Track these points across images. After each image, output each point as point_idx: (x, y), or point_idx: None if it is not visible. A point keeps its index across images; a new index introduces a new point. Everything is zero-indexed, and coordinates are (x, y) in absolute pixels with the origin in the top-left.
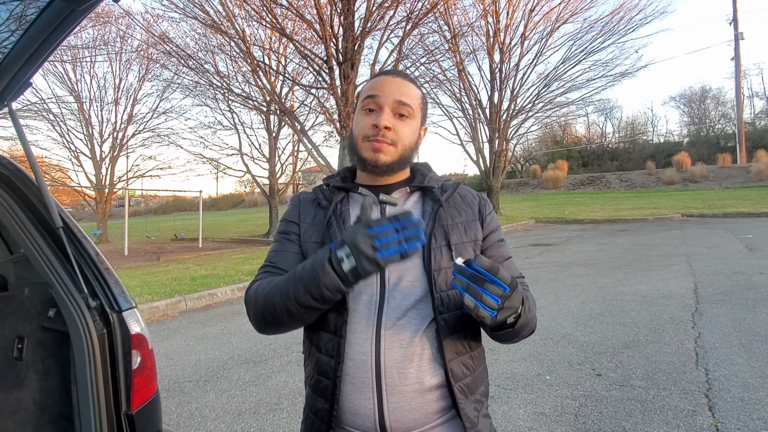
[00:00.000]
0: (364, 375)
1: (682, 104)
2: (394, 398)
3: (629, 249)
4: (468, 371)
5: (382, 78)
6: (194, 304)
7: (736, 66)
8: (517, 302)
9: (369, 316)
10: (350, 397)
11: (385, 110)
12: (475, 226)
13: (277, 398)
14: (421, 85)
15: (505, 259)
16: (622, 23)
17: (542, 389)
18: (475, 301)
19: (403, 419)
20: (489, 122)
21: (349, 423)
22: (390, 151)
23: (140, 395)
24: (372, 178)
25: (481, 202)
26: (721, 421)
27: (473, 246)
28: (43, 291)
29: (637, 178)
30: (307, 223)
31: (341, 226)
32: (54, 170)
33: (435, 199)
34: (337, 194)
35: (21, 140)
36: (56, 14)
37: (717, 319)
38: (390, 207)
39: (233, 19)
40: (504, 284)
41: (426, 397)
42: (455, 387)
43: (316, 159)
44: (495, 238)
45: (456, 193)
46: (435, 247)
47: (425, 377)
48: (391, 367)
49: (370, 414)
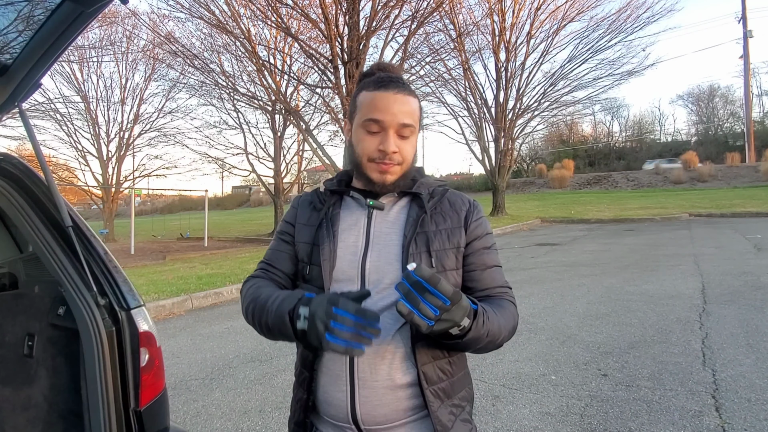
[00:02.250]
0: (339, 368)
1: (690, 103)
2: (365, 392)
3: (636, 249)
4: (445, 376)
5: (384, 95)
6: (200, 302)
7: (745, 64)
8: (458, 316)
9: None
10: (326, 388)
11: (390, 134)
12: (459, 233)
13: (282, 396)
14: (415, 91)
15: (488, 267)
16: (629, 21)
17: (548, 389)
18: (411, 308)
19: (373, 413)
20: (494, 121)
21: (326, 413)
22: (396, 170)
23: (148, 392)
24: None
25: (469, 209)
26: (728, 421)
27: (455, 253)
28: (53, 289)
29: (644, 177)
30: (301, 225)
31: (330, 230)
32: (61, 169)
33: (421, 206)
34: (331, 197)
35: (31, 140)
36: (66, 16)
37: (724, 319)
38: (377, 215)
39: (239, 18)
40: (444, 297)
41: (397, 394)
42: (428, 390)
43: (321, 158)
44: (479, 246)
45: (445, 199)
46: (414, 252)
47: (396, 375)
48: (363, 362)
49: (343, 405)
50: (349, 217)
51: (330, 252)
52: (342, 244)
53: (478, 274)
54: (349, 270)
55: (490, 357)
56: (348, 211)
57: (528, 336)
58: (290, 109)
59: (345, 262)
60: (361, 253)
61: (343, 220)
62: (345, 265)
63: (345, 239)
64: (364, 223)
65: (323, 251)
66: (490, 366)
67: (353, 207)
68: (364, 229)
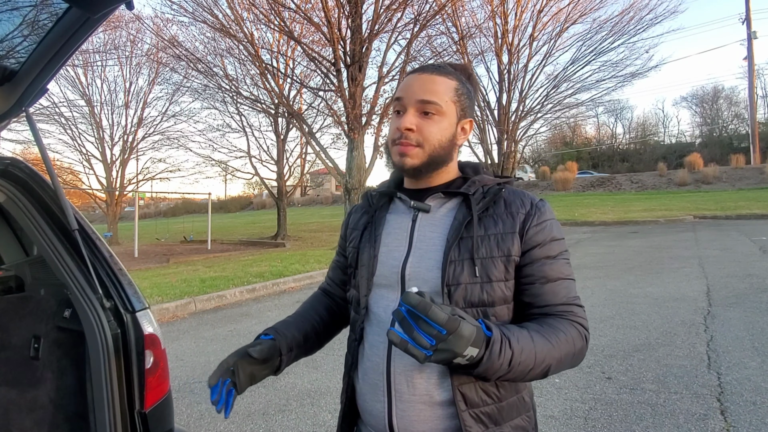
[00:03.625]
0: (377, 378)
1: (694, 104)
2: (402, 406)
3: (640, 251)
4: (490, 399)
5: (409, 77)
6: (203, 305)
7: (749, 65)
8: (458, 347)
9: (385, 321)
10: (366, 397)
11: (408, 111)
12: (512, 240)
13: (285, 400)
14: (460, 74)
15: (549, 281)
16: (632, 23)
17: (551, 392)
18: (404, 337)
19: (411, 428)
20: (497, 124)
21: (367, 421)
22: (417, 153)
23: (153, 394)
24: (414, 182)
25: (529, 212)
26: (733, 425)
27: (505, 261)
28: (58, 292)
29: (648, 179)
30: (351, 229)
31: (373, 233)
32: (66, 173)
33: (470, 207)
34: (380, 200)
35: (38, 144)
36: (72, 22)
37: (730, 322)
38: (422, 218)
39: (242, 22)
40: (437, 325)
41: (436, 411)
42: (466, 413)
43: (324, 161)
44: (539, 255)
45: (500, 199)
46: (455, 260)
47: (435, 391)
48: (399, 374)
49: (382, 416)
50: (395, 220)
51: (369, 257)
52: (385, 249)
53: (537, 288)
54: (390, 275)
55: None
56: (396, 214)
57: None
58: (293, 112)
59: (386, 267)
60: (402, 258)
61: (389, 223)
62: (386, 270)
63: (388, 243)
64: (409, 227)
65: (362, 256)
66: None
67: (402, 210)
68: (407, 233)
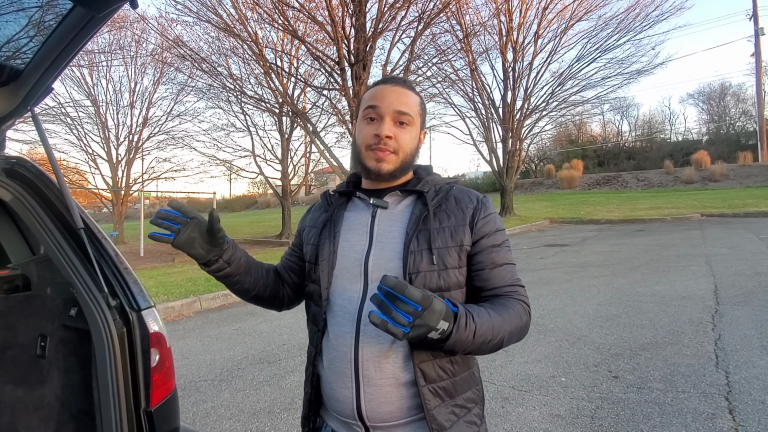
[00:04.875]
0: (344, 366)
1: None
2: (371, 390)
3: (647, 249)
4: (446, 374)
5: (383, 87)
6: (209, 304)
7: (757, 62)
8: (432, 320)
9: (351, 311)
10: (333, 385)
11: (386, 120)
12: (464, 231)
13: (291, 398)
14: (419, 91)
15: (497, 266)
16: (638, 20)
17: (558, 391)
18: (383, 317)
19: (378, 410)
20: (502, 122)
21: (333, 409)
22: (392, 159)
23: (159, 392)
24: (373, 183)
25: (477, 207)
26: (741, 424)
27: (458, 251)
28: (64, 290)
29: (655, 177)
30: (309, 227)
31: (332, 231)
32: (72, 173)
33: (426, 203)
34: (338, 199)
35: (43, 143)
36: (77, 21)
37: (738, 320)
38: (381, 214)
39: (246, 22)
40: (413, 302)
41: (401, 392)
42: (425, 388)
43: (328, 160)
44: (487, 244)
45: (451, 197)
46: (415, 250)
47: (400, 373)
48: (368, 360)
49: (349, 402)
50: (355, 217)
51: (330, 252)
52: (346, 244)
53: (486, 273)
54: (353, 267)
55: (500, 359)
56: (354, 212)
57: (537, 337)
58: (297, 111)
59: (349, 260)
60: (364, 251)
61: (348, 220)
62: (348, 263)
63: (349, 239)
64: (369, 222)
65: (322, 252)
66: (499, 368)
67: (360, 208)
68: (368, 228)
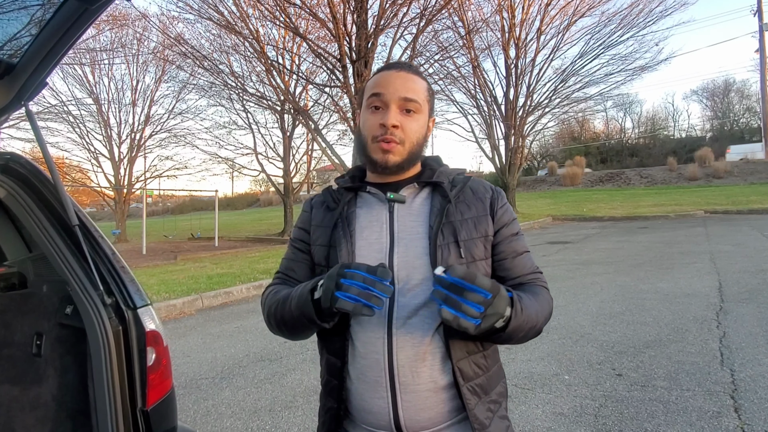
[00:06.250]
0: (377, 374)
1: (704, 98)
2: (408, 397)
3: (650, 247)
4: (481, 371)
5: (386, 73)
6: (210, 302)
7: (761, 58)
8: (501, 307)
9: (380, 316)
10: (364, 396)
11: (391, 108)
12: (486, 221)
13: (292, 396)
14: (426, 76)
15: (518, 254)
16: (642, 16)
17: (561, 389)
18: (455, 312)
19: (417, 417)
20: (504, 119)
21: (364, 421)
22: (399, 150)
23: (155, 392)
24: (381, 176)
25: (493, 196)
26: (747, 422)
27: (483, 242)
28: (60, 288)
29: (658, 174)
30: (315, 227)
31: (346, 229)
32: (74, 171)
33: (444, 195)
34: (345, 195)
35: (38, 139)
36: (70, 14)
37: (743, 318)
38: (399, 209)
39: (247, 19)
40: (484, 290)
41: (440, 396)
42: (465, 387)
43: (330, 158)
44: (507, 233)
45: (467, 187)
46: (442, 244)
47: (438, 376)
48: (404, 366)
49: (385, 412)
50: (368, 213)
51: (348, 253)
52: (363, 243)
53: (509, 262)
54: None
55: (502, 356)
56: (366, 208)
57: (540, 335)
58: (299, 108)
59: (370, 261)
60: (386, 250)
61: (362, 217)
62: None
63: (366, 237)
64: (387, 218)
65: (341, 253)
66: (503, 365)
67: (372, 203)
68: (387, 225)
